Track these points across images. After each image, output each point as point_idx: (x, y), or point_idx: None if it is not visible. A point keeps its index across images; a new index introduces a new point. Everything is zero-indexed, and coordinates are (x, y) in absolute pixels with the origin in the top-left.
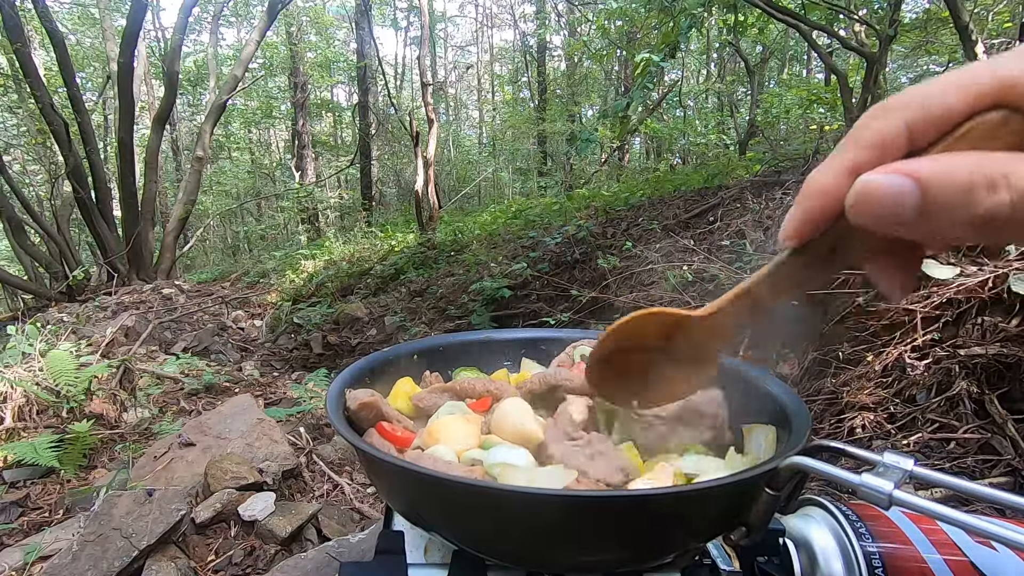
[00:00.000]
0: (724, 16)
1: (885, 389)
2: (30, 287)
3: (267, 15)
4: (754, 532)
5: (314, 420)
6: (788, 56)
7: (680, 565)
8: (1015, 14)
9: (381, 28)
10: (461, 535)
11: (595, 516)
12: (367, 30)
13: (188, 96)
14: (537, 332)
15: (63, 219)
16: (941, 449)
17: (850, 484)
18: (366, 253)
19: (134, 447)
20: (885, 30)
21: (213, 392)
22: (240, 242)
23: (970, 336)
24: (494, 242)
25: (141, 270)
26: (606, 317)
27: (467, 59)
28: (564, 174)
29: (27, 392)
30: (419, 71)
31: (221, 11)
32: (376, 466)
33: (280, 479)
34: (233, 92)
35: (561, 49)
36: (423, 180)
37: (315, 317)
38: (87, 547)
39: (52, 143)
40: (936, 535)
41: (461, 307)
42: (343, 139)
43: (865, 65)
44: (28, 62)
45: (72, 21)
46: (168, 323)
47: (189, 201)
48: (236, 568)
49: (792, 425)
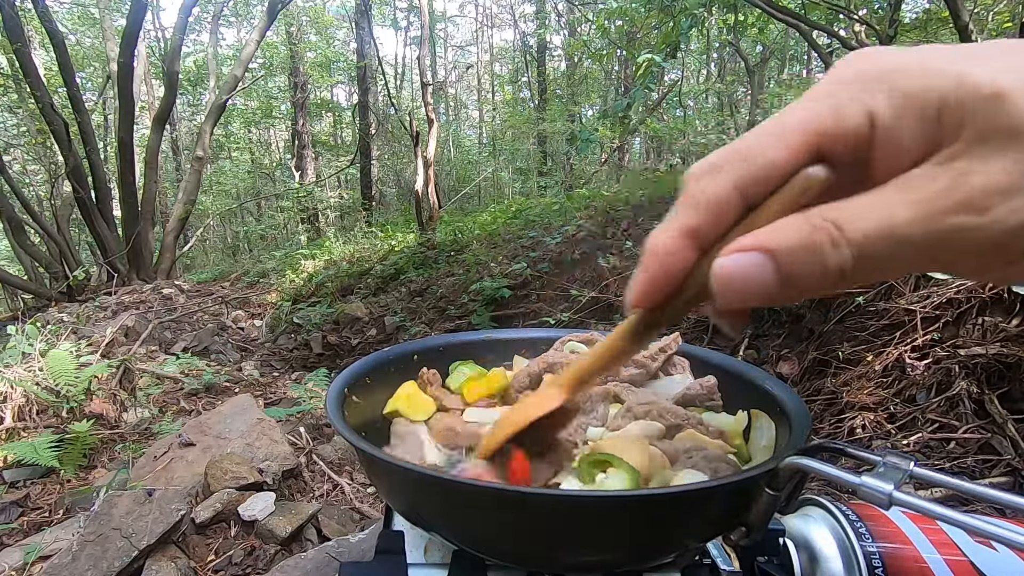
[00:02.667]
0: (724, 16)
1: (885, 389)
2: (30, 287)
3: (267, 15)
4: (754, 532)
5: (314, 420)
6: (788, 56)
7: (680, 565)
8: (1015, 14)
9: (381, 28)
10: (461, 535)
11: (595, 516)
12: (367, 30)
13: (188, 96)
14: (537, 332)
15: (63, 219)
16: (941, 449)
17: (850, 484)
18: (366, 253)
19: (134, 447)
20: (885, 30)
21: (213, 392)
22: (240, 242)
23: (970, 336)
24: (494, 242)
25: (141, 270)
26: (606, 317)
27: (467, 59)
28: (564, 174)
29: (27, 392)
30: (419, 71)
31: (221, 11)
32: (376, 466)
33: (280, 479)
34: (233, 92)
35: (561, 49)
36: (423, 180)
37: (315, 317)
38: (87, 547)
39: (52, 143)
40: (936, 535)
41: (461, 307)
42: (343, 139)
43: None
44: (28, 62)
45: (72, 21)
46: (168, 323)
47: (189, 201)
48: (236, 568)
49: (792, 425)
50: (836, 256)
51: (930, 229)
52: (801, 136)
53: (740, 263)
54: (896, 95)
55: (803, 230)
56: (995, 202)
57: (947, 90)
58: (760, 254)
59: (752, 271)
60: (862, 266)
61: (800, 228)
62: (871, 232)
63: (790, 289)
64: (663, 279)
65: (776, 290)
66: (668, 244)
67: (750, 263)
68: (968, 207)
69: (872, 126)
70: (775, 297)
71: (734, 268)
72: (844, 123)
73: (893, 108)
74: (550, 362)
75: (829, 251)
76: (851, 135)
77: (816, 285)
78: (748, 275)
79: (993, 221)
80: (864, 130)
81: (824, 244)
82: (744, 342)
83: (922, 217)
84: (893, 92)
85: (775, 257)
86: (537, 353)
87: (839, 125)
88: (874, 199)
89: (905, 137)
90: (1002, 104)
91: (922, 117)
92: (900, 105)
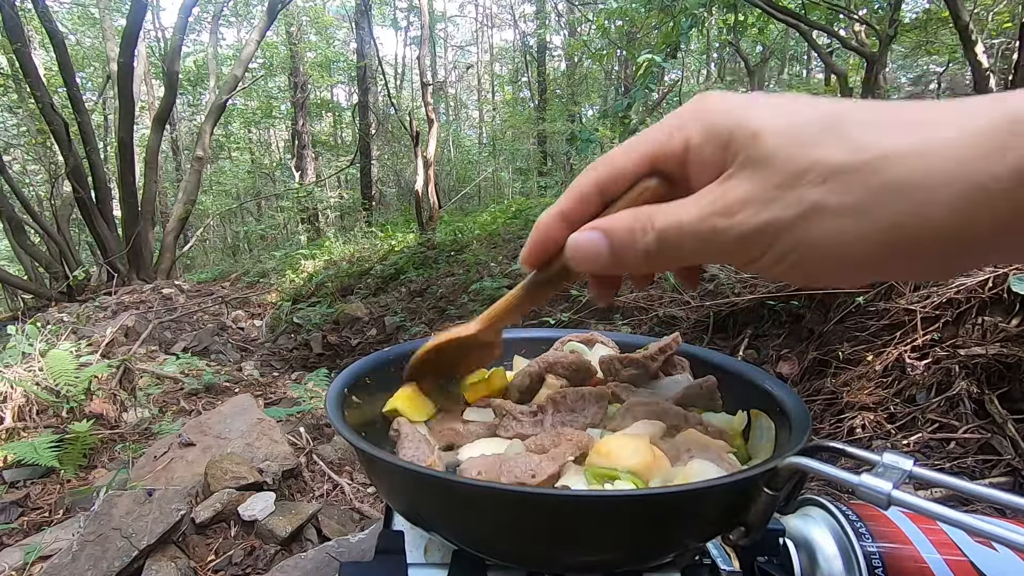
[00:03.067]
0: (724, 16)
1: (885, 389)
2: (30, 287)
3: (267, 15)
4: (754, 532)
5: (314, 420)
6: (788, 56)
7: (680, 565)
8: (1015, 14)
9: (381, 28)
10: (461, 535)
11: (595, 516)
12: (367, 30)
13: (188, 96)
14: (537, 332)
15: (63, 219)
16: (941, 449)
17: (850, 484)
18: (366, 253)
19: (134, 447)
20: (885, 30)
21: (213, 392)
22: (240, 242)
23: (970, 336)
24: (494, 242)
25: (141, 270)
26: (606, 317)
27: (467, 59)
28: (564, 174)
29: (27, 392)
30: (419, 71)
31: (221, 11)
32: (376, 466)
33: (280, 479)
34: (233, 92)
35: (561, 49)
36: (423, 180)
37: (315, 317)
38: (87, 547)
39: (52, 143)
40: (936, 535)
41: (461, 307)
42: (343, 139)
43: (865, 65)
44: (28, 62)
45: (72, 21)
46: (168, 323)
47: (189, 201)
48: (236, 568)
49: (792, 425)
50: (644, 240)
51: (702, 227)
52: (641, 152)
53: (585, 236)
54: (705, 128)
55: (628, 219)
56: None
57: (733, 127)
58: (599, 232)
59: (591, 244)
60: (662, 250)
61: (627, 218)
62: (668, 225)
63: (617, 261)
64: (542, 247)
65: (608, 260)
66: (546, 221)
67: (590, 238)
68: (724, 212)
69: (687, 149)
70: (607, 266)
71: (580, 239)
72: (670, 145)
73: (701, 137)
74: (550, 362)
75: (640, 236)
76: (672, 155)
77: (634, 261)
78: (588, 246)
79: (737, 223)
80: (681, 152)
81: (638, 231)
82: (744, 342)
83: (698, 218)
84: (703, 125)
85: (608, 235)
86: (537, 353)
87: (666, 146)
88: (678, 203)
89: (707, 160)
90: (758, 140)
91: (717, 145)
92: (705, 135)
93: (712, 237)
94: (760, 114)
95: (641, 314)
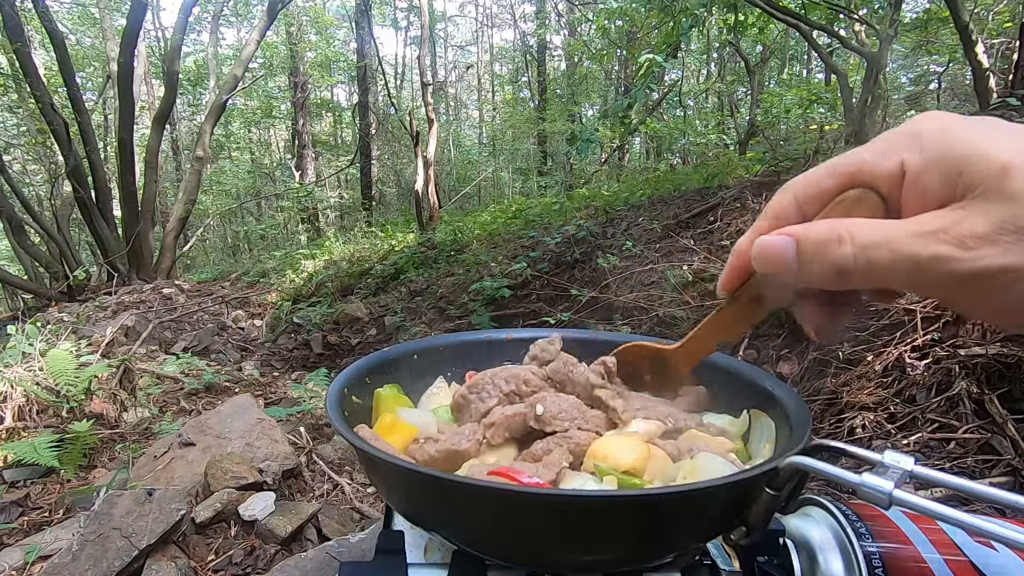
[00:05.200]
0: (724, 16)
1: (885, 389)
2: (30, 287)
3: (267, 15)
4: (754, 532)
5: (314, 420)
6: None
7: (680, 565)
8: (1015, 14)
9: (381, 28)
10: (461, 535)
11: (595, 516)
12: (367, 30)
13: (188, 96)
14: (537, 332)
15: (63, 219)
16: (941, 449)
17: (850, 484)
18: (366, 253)
19: (134, 447)
20: (885, 30)
21: (213, 392)
22: (240, 242)
23: (970, 336)
24: (494, 242)
25: (141, 270)
26: (606, 317)
27: (467, 59)
28: (564, 174)
29: (27, 392)
30: (419, 71)
31: (221, 11)
32: (376, 466)
33: (280, 479)
34: (233, 92)
35: (561, 49)
36: (423, 180)
37: (315, 317)
38: (87, 547)
39: (52, 143)
40: (936, 535)
41: (461, 307)
42: (343, 139)
43: (865, 65)
44: (28, 62)
45: (72, 21)
46: (168, 323)
47: (189, 201)
48: (236, 568)
49: (792, 425)
50: (839, 252)
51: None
52: (845, 172)
53: (775, 240)
54: (930, 153)
55: (824, 228)
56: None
57: (972, 157)
58: (790, 238)
59: (779, 247)
60: (861, 267)
61: (822, 227)
62: (875, 242)
63: (803, 269)
64: (738, 272)
65: (794, 266)
66: (743, 244)
67: (780, 241)
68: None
69: (903, 172)
70: (794, 273)
71: (768, 240)
72: (883, 166)
73: (924, 162)
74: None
75: (834, 247)
76: (884, 176)
77: (821, 272)
78: (776, 249)
79: (971, 258)
80: (895, 174)
81: (834, 242)
82: (744, 342)
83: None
84: (929, 150)
85: (798, 242)
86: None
87: (877, 167)
88: (888, 223)
89: (928, 186)
90: (1008, 176)
91: (944, 172)
92: (929, 161)
93: (933, 266)
94: (1006, 146)
95: (641, 314)
